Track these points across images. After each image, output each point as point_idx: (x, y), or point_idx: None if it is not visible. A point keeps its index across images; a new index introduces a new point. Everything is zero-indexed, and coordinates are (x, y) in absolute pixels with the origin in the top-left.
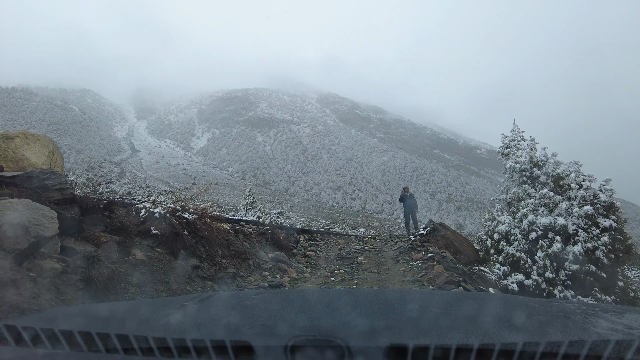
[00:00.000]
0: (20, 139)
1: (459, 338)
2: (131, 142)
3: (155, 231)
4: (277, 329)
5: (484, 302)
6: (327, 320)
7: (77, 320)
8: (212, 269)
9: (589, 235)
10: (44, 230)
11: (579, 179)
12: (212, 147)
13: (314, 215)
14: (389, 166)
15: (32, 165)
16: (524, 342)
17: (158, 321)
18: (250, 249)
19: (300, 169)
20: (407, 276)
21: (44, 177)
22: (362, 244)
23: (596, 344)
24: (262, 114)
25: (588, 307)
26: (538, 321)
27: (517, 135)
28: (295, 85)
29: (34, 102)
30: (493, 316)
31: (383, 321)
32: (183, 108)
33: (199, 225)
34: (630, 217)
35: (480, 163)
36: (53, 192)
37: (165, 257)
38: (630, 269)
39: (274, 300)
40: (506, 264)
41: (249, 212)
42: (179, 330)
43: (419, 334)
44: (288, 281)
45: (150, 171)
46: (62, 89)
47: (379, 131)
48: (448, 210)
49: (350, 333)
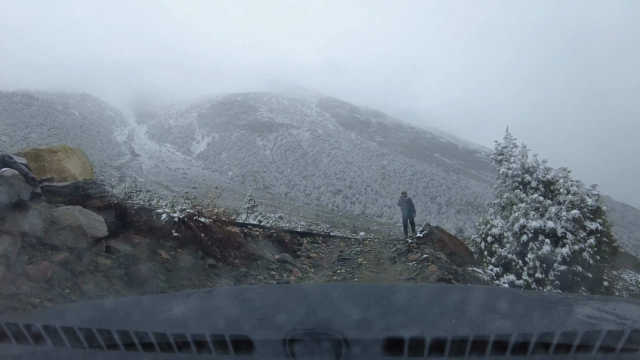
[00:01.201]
0: (62, 152)
1: (452, 329)
2: (131, 147)
3: (176, 234)
4: (275, 323)
5: (472, 293)
6: (324, 313)
7: (78, 317)
8: (227, 267)
9: (577, 238)
10: (97, 232)
11: (567, 184)
12: (212, 151)
13: (314, 219)
14: (389, 170)
15: (71, 175)
16: (518, 333)
17: (158, 316)
18: (258, 251)
19: (300, 172)
20: (403, 275)
21: (87, 187)
22: (362, 247)
23: (589, 334)
24: (262, 118)
25: (575, 297)
26: (530, 312)
27: (510, 142)
28: (295, 89)
29: (34, 107)
30: (484, 307)
31: (378, 313)
32: (183, 112)
33: (213, 229)
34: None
35: (480, 167)
36: (95, 199)
37: (185, 256)
38: (627, 272)
39: (271, 294)
40: (499, 265)
41: (250, 216)
42: (179, 325)
43: (411, 323)
44: (294, 280)
45: (150, 175)
46: (63, 93)
47: (379, 135)
48: (448, 214)
49: (347, 325)
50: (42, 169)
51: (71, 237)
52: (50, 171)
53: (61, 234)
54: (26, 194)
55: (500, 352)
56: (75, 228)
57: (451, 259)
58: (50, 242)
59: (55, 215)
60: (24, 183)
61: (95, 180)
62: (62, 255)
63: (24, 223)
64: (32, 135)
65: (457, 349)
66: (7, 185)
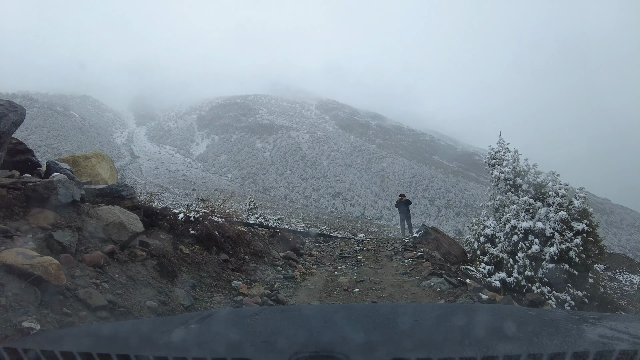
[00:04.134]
0: (94, 158)
1: (460, 350)
2: (131, 148)
3: (193, 232)
4: (278, 346)
5: (477, 314)
6: (328, 336)
7: (77, 342)
8: (238, 262)
9: (564, 238)
10: (135, 228)
11: (555, 187)
12: (211, 153)
13: (314, 221)
14: (388, 172)
15: (102, 179)
16: (528, 354)
17: (159, 340)
18: (265, 249)
19: (300, 175)
20: (399, 270)
21: (120, 189)
22: (361, 246)
23: (601, 354)
24: (261, 120)
25: (586, 316)
26: (540, 332)
27: (503, 147)
28: (294, 92)
29: (34, 108)
30: (490, 328)
31: (383, 335)
32: (182, 114)
33: (225, 227)
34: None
35: (479, 169)
36: (126, 200)
37: (202, 252)
38: (623, 273)
39: (273, 317)
40: (491, 263)
41: (250, 218)
42: (181, 349)
43: (417, 345)
44: (299, 274)
45: (150, 177)
46: (62, 95)
47: (378, 137)
48: (447, 217)
49: (351, 348)
50: (78, 173)
51: (115, 231)
52: (85, 175)
53: (107, 229)
54: (78, 195)
55: None
56: (118, 224)
57: (445, 258)
58: (99, 236)
59: (100, 214)
60: (74, 186)
61: (127, 184)
62: (110, 246)
63: (78, 220)
64: (32, 137)
65: None
66: (64, 188)
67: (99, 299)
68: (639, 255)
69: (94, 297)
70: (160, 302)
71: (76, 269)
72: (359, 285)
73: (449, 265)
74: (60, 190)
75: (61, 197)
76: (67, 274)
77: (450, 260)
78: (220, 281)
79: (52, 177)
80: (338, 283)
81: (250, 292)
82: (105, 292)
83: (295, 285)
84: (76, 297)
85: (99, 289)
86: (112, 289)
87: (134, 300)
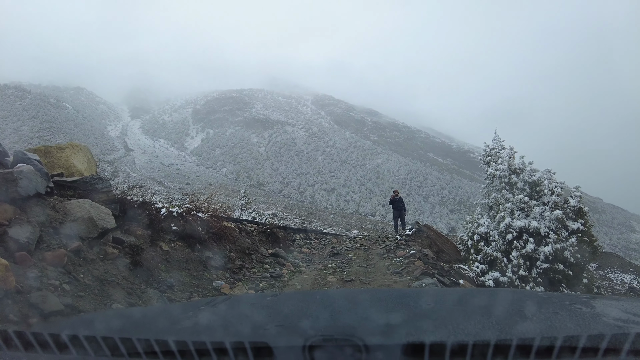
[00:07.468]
0: (69, 149)
1: (475, 333)
2: (125, 141)
3: (174, 227)
4: (295, 329)
5: (495, 296)
6: (344, 319)
7: (102, 325)
8: (222, 260)
9: (559, 237)
10: (106, 224)
11: (551, 185)
12: (206, 147)
13: (308, 217)
14: (383, 169)
15: (78, 171)
16: (542, 337)
17: (179, 324)
18: (253, 246)
19: (295, 170)
20: (390, 269)
21: (95, 182)
22: (353, 243)
23: (616, 337)
24: (257, 115)
25: (601, 300)
26: (554, 315)
27: (498, 144)
28: (291, 87)
29: (26, 100)
30: (506, 310)
31: (399, 318)
32: (177, 108)
33: (210, 223)
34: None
35: (474, 167)
36: (101, 194)
37: (184, 249)
38: (614, 272)
39: (291, 300)
40: (484, 262)
41: (244, 213)
42: (199, 333)
43: (433, 327)
44: (287, 273)
45: (143, 170)
46: (56, 87)
47: (374, 134)
48: (441, 213)
49: (367, 331)
50: (51, 164)
51: (83, 228)
52: (58, 167)
53: (74, 224)
54: (42, 187)
55: (524, 356)
56: (87, 220)
57: (438, 256)
58: (64, 232)
59: (68, 208)
60: (39, 178)
61: (102, 176)
62: (76, 244)
63: (42, 214)
64: (24, 129)
65: (479, 353)
66: (26, 180)
67: (55, 304)
68: (629, 254)
69: (48, 302)
70: (129, 305)
71: (33, 269)
72: (348, 284)
73: (441, 264)
74: (21, 182)
75: (21, 190)
76: (21, 275)
77: (443, 259)
78: (201, 280)
79: (16, 167)
80: (327, 282)
81: (232, 292)
82: (64, 294)
83: (282, 284)
84: (27, 302)
85: (58, 291)
86: (74, 290)
87: (98, 304)
